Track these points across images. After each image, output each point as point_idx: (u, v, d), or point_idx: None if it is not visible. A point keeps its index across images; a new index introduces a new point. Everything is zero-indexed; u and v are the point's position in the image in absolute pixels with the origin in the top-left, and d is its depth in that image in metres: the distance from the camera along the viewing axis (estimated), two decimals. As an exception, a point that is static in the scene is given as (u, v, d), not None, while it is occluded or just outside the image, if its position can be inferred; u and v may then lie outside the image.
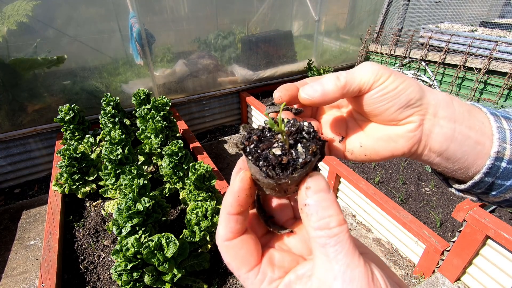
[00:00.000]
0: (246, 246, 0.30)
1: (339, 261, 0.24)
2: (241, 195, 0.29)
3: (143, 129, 2.82)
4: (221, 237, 0.30)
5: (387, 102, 0.36)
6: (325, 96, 0.36)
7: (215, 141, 4.08)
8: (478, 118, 0.38)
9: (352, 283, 0.23)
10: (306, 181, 0.28)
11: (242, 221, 0.30)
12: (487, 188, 0.40)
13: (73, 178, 2.35)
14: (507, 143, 0.37)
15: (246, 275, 0.29)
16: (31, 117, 3.06)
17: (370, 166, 2.93)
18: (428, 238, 2.00)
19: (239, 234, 0.30)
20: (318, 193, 0.27)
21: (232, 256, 0.29)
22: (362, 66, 0.37)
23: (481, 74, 3.51)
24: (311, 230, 0.26)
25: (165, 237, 1.61)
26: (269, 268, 0.29)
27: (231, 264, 0.29)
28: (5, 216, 2.85)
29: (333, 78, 0.36)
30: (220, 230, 0.30)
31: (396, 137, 0.38)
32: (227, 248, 0.30)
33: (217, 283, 1.83)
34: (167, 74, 3.62)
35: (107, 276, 1.90)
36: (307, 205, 0.26)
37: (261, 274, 0.29)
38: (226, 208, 0.30)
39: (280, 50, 4.26)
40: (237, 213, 0.29)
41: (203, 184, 2.02)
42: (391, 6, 4.58)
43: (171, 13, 3.34)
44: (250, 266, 0.29)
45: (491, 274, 1.88)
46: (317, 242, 0.25)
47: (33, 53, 2.83)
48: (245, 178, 0.30)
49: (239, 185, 0.30)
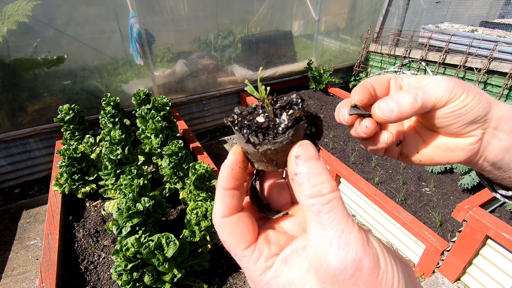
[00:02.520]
0: (243, 223, 0.29)
1: (333, 227, 0.23)
2: (235, 168, 0.29)
3: (143, 129, 2.82)
4: (218, 214, 0.29)
5: (455, 118, 0.37)
6: (401, 117, 0.36)
7: (215, 141, 4.07)
8: None
9: (348, 247, 0.23)
10: (295, 149, 0.27)
11: (239, 196, 0.30)
12: None
13: (73, 178, 2.35)
14: None
15: (243, 252, 0.28)
16: (31, 117, 3.06)
17: (370, 166, 2.93)
18: (428, 238, 2.00)
19: (236, 211, 0.29)
20: (308, 160, 0.26)
21: (228, 233, 0.29)
22: (437, 83, 0.37)
23: (481, 74, 3.50)
24: (304, 199, 0.25)
25: (165, 237, 1.61)
26: (265, 245, 0.29)
27: (228, 242, 0.29)
28: (5, 216, 2.85)
29: (410, 98, 0.36)
30: (217, 207, 0.29)
31: (455, 149, 0.40)
32: (224, 225, 0.29)
33: (217, 283, 1.83)
34: (167, 74, 3.62)
35: (107, 276, 1.90)
36: (298, 174, 0.26)
37: (257, 251, 0.28)
38: (221, 183, 0.29)
39: (280, 50, 4.26)
40: (233, 188, 0.29)
41: (203, 184, 2.02)
42: (391, 6, 4.58)
43: (171, 13, 3.34)
44: (247, 243, 0.28)
45: (491, 274, 1.88)
46: (311, 210, 0.25)
47: (33, 53, 2.83)
48: (237, 151, 0.30)
49: (232, 157, 0.30)
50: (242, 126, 0.29)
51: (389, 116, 0.36)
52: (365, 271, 0.22)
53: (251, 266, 0.28)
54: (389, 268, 0.24)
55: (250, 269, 0.28)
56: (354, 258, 0.23)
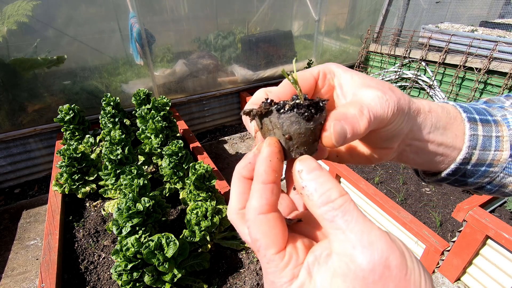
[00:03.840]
0: (280, 225, 0.27)
1: (352, 230, 0.23)
2: (273, 159, 0.28)
3: (143, 129, 2.82)
4: (255, 209, 0.27)
5: (384, 138, 0.36)
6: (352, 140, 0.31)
7: (215, 141, 4.07)
8: (453, 131, 0.40)
9: (372, 246, 0.22)
10: (296, 165, 0.28)
11: (277, 192, 0.28)
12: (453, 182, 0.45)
13: (73, 178, 2.35)
14: (477, 149, 0.40)
15: (273, 256, 0.26)
16: (31, 117, 3.06)
17: (370, 166, 2.93)
18: (428, 238, 2.00)
19: (274, 209, 0.28)
20: (311, 172, 0.27)
21: (263, 232, 0.27)
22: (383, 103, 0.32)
23: (481, 74, 3.50)
24: (316, 208, 0.25)
25: (165, 237, 1.61)
26: (294, 251, 0.27)
27: (260, 241, 0.26)
28: (5, 216, 2.85)
29: (365, 121, 0.30)
30: (254, 202, 0.27)
31: (371, 157, 0.40)
32: (261, 222, 0.27)
33: (217, 283, 1.83)
34: (167, 74, 3.62)
35: (107, 276, 1.90)
36: (305, 187, 0.26)
37: (287, 256, 0.26)
38: (260, 177, 0.28)
39: (280, 50, 4.26)
40: (272, 181, 0.27)
41: (203, 184, 2.02)
42: (391, 6, 4.58)
43: (171, 13, 3.34)
44: (279, 247, 0.27)
45: (491, 274, 1.88)
46: (326, 218, 0.24)
47: (33, 53, 2.83)
48: (272, 141, 0.29)
49: (268, 149, 0.28)
50: (283, 107, 0.29)
51: (341, 142, 0.29)
52: (393, 269, 0.22)
53: (278, 273, 0.26)
54: (415, 267, 0.23)
55: (276, 276, 0.26)
56: (381, 256, 0.22)
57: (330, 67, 0.37)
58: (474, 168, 0.41)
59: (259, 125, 0.32)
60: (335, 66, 0.37)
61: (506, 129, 0.41)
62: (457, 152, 0.41)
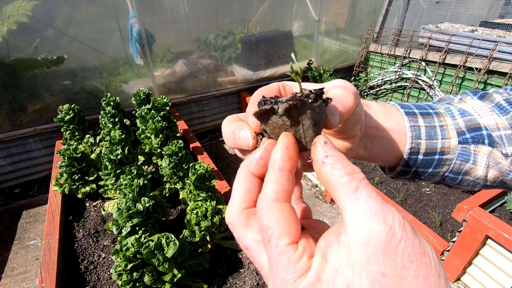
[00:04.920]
0: (295, 216, 0.26)
1: (374, 199, 0.24)
2: (290, 147, 0.28)
3: (143, 129, 2.82)
4: (269, 197, 0.26)
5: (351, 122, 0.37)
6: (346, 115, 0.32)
7: (215, 141, 4.07)
8: (393, 118, 0.45)
9: (391, 213, 0.23)
10: (321, 137, 0.28)
11: (293, 181, 0.28)
12: (413, 175, 0.47)
13: (73, 178, 2.35)
14: (422, 138, 0.44)
15: (286, 247, 0.25)
16: (31, 117, 3.06)
17: (370, 166, 2.93)
18: (428, 238, 2.00)
19: (289, 198, 0.27)
20: (333, 148, 0.28)
21: (277, 219, 0.25)
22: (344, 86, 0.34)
23: (481, 74, 3.50)
24: (339, 178, 0.25)
25: (165, 237, 1.61)
26: (307, 244, 0.26)
27: (273, 229, 0.25)
28: (5, 216, 2.85)
29: (351, 96, 0.32)
30: (268, 189, 0.26)
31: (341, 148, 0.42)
32: (276, 209, 0.25)
33: (217, 283, 1.83)
34: (167, 74, 3.62)
35: (107, 276, 1.90)
36: (329, 156, 0.26)
37: (301, 247, 0.25)
38: (276, 164, 0.27)
39: (280, 50, 4.26)
40: (289, 169, 0.27)
41: (203, 184, 2.02)
42: (391, 6, 4.58)
43: (171, 13, 3.34)
44: (293, 238, 0.25)
45: (491, 274, 1.88)
46: (350, 187, 0.24)
47: (33, 53, 2.83)
48: (288, 133, 0.29)
49: (284, 139, 0.28)
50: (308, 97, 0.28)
51: (338, 122, 0.31)
52: (409, 234, 0.23)
53: (292, 266, 0.24)
54: (427, 244, 0.24)
55: (289, 270, 0.24)
56: (400, 220, 0.23)
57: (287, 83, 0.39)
58: (427, 157, 0.44)
59: (273, 123, 0.29)
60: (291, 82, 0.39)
61: (450, 119, 0.45)
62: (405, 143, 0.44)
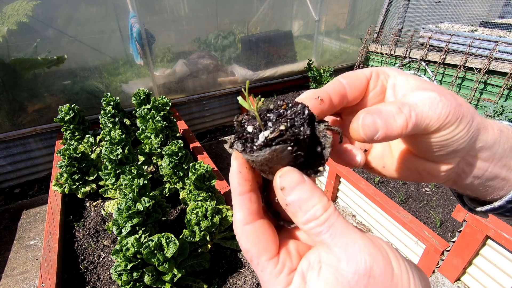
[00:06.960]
0: (267, 232, 0.28)
1: (336, 244, 0.24)
2: (242, 170, 0.29)
3: (143, 129, 2.82)
4: (240, 221, 0.28)
5: (436, 148, 0.31)
6: (384, 140, 0.28)
7: (215, 141, 4.07)
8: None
9: (355, 258, 0.23)
10: (277, 180, 0.27)
11: (256, 199, 0.29)
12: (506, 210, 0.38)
13: (73, 178, 2.35)
14: None
15: (266, 263, 0.27)
16: (31, 117, 3.06)
17: (370, 166, 2.93)
18: (428, 238, 2.00)
19: (258, 216, 0.28)
20: (293, 189, 0.26)
21: (252, 241, 0.28)
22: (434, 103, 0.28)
23: (481, 74, 3.50)
24: (301, 225, 0.26)
25: (165, 237, 1.61)
26: (287, 257, 0.28)
27: (251, 251, 0.27)
28: (5, 216, 2.85)
29: (402, 119, 0.27)
30: (237, 215, 0.28)
31: (424, 172, 0.35)
32: (248, 233, 0.28)
33: (217, 283, 1.83)
34: (167, 74, 3.62)
35: (107, 276, 1.90)
36: (289, 205, 0.26)
37: (280, 264, 0.27)
38: (235, 190, 0.29)
39: (280, 50, 4.26)
40: (248, 190, 0.28)
41: (203, 184, 2.02)
42: (391, 6, 4.58)
43: (171, 13, 3.34)
44: (271, 253, 0.27)
45: (491, 274, 1.88)
46: (312, 234, 0.25)
47: (33, 53, 2.83)
48: (237, 155, 0.30)
49: (235, 162, 0.29)
50: (237, 136, 0.29)
51: (372, 137, 0.28)
52: (378, 278, 0.23)
53: (273, 280, 0.27)
54: (403, 272, 0.24)
55: (271, 283, 0.27)
56: (365, 267, 0.23)
57: (384, 69, 0.36)
58: None
59: None
60: (390, 68, 0.36)
61: None
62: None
